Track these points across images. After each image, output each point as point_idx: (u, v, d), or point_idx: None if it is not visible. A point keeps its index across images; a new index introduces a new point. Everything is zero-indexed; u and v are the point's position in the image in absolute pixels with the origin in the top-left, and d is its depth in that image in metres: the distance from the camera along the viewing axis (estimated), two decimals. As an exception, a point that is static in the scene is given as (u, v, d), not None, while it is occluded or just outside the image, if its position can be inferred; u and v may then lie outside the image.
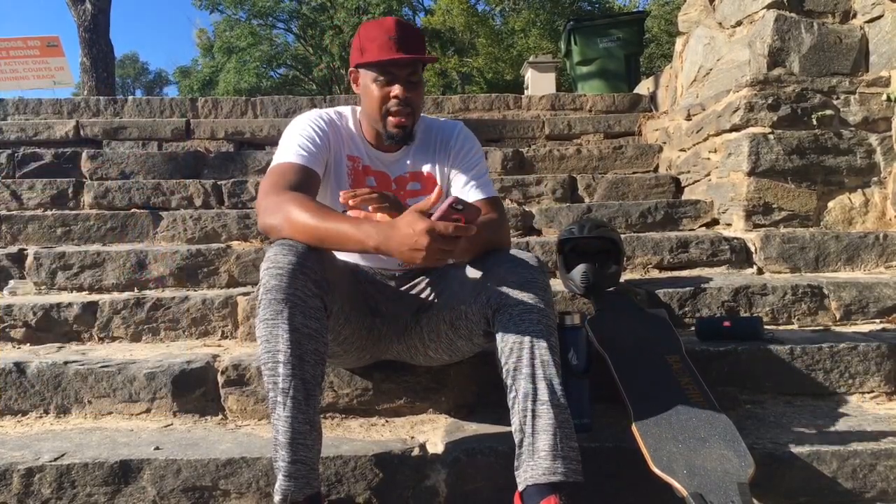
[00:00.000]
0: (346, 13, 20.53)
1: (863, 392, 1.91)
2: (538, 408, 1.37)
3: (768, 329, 2.10)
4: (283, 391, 1.34)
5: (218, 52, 23.50)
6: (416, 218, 1.29)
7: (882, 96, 2.83)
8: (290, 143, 1.60)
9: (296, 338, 1.35)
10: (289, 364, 1.34)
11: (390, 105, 1.60)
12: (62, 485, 1.51)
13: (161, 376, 1.83)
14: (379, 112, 1.62)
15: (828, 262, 2.64)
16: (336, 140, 1.68)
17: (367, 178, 1.71)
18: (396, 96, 1.59)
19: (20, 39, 8.05)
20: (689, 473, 1.39)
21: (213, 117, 4.70)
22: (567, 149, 3.94)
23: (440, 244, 1.27)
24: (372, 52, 1.58)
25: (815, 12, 2.97)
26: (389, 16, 14.88)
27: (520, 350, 1.40)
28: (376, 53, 1.57)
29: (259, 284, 1.39)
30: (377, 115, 1.63)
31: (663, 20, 15.79)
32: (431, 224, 1.27)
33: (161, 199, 3.34)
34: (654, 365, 1.75)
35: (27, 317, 2.21)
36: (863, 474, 1.53)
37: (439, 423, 1.77)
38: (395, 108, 1.60)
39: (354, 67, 1.66)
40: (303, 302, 1.36)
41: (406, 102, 1.60)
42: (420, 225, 1.27)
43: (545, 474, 1.33)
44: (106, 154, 3.75)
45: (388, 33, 1.57)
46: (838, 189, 2.85)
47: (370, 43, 1.59)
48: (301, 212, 1.40)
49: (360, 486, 1.54)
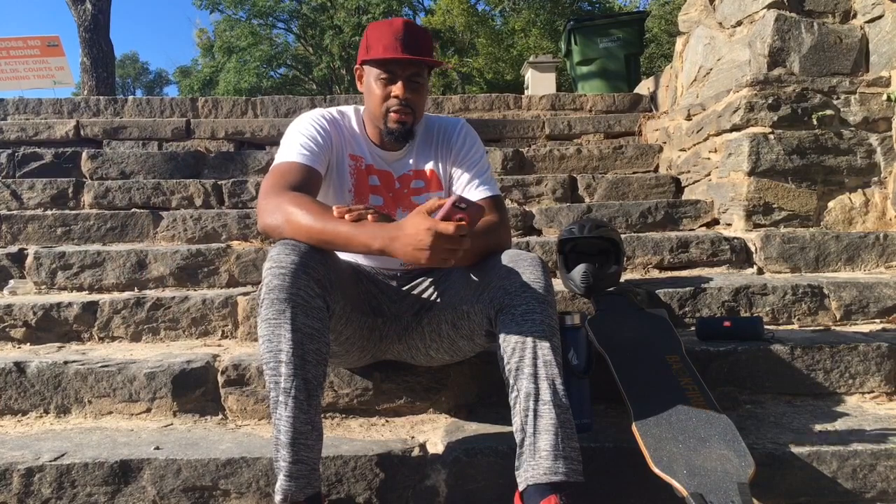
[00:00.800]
0: (346, 13, 20.55)
1: (863, 392, 1.91)
2: (540, 407, 1.37)
3: (768, 329, 2.10)
4: (284, 391, 1.34)
5: (218, 52, 23.50)
6: (420, 218, 1.30)
7: (882, 96, 2.83)
8: (293, 143, 1.60)
9: (298, 338, 1.35)
10: (291, 364, 1.34)
11: (390, 104, 1.61)
12: (62, 484, 1.51)
13: (161, 376, 1.83)
14: (380, 109, 1.63)
15: (828, 262, 2.64)
16: (338, 139, 1.68)
17: (370, 176, 1.71)
18: (397, 96, 1.60)
19: (20, 39, 8.05)
20: (689, 473, 1.39)
21: (214, 117, 4.70)
22: (567, 149, 3.94)
23: (444, 243, 1.28)
24: (377, 50, 1.59)
25: (815, 12, 2.97)
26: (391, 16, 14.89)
27: (522, 350, 1.40)
28: (381, 51, 1.58)
29: (261, 284, 1.39)
30: (378, 113, 1.64)
31: (663, 20, 15.78)
32: (435, 223, 1.27)
33: (161, 198, 3.34)
34: (654, 365, 1.75)
35: (27, 316, 2.21)
36: (863, 474, 1.53)
37: (439, 423, 1.77)
38: (395, 107, 1.61)
39: (360, 64, 1.67)
40: (305, 302, 1.36)
41: (406, 103, 1.61)
42: (424, 224, 1.28)
43: (546, 474, 1.33)
44: (106, 154, 3.75)
45: (395, 33, 1.58)
46: (838, 189, 2.85)
47: (376, 41, 1.60)
48: (303, 214, 1.40)
49: (360, 486, 1.54)
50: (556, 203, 3.33)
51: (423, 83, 1.64)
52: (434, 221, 1.28)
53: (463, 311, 1.53)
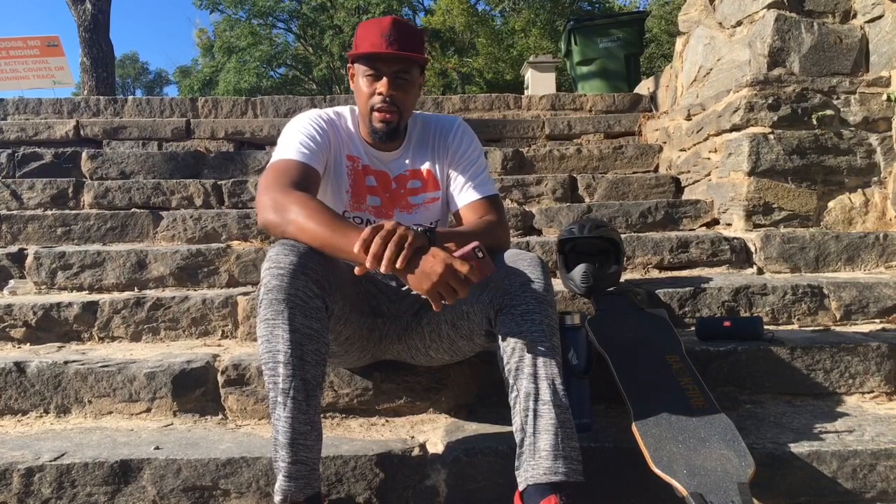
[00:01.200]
0: (346, 13, 20.55)
1: (863, 392, 1.91)
2: (540, 407, 1.37)
3: (768, 329, 2.10)
4: (283, 391, 1.34)
5: (218, 52, 23.51)
6: (439, 250, 1.32)
7: (882, 96, 2.83)
8: (291, 141, 1.59)
9: (296, 338, 1.35)
10: (289, 364, 1.34)
11: (374, 101, 1.60)
12: (62, 484, 1.51)
13: (161, 376, 1.83)
14: (366, 107, 1.62)
15: (828, 262, 2.64)
16: (336, 140, 1.68)
17: (367, 177, 1.71)
18: (381, 93, 1.58)
19: (20, 39, 8.05)
20: (689, 473, 1.39)
21: (213, 117, 4.70)
22: (567, 149, 3.94)
23: (451, 279, 1.29)
24: (363, 46, 1.59)
25: (815, 12, 2.97)
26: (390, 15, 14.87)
27: (522, 350, 1.40)
28: (366, 48, 1.58)
29: (260, 284, 1.39)
30: (365, 111, 1.63)
31: (663, 20, 15.78)
32: (451, 258, 1.30)
33: (161, 198, 3.34)
34: (654, 365, 1.75)
35: (27, 316, 2.21)
36: (863, 474, 1.53)
37: (439, 422, 1.77)
38: (378, 104, 1.59)
39: (350, 63, 1.67)
40: (304, 303, 1.35)
41: (392, 100, 1.59)
42: (441, 255, 1.31)
43: (546, 474, 1.33)
44: (106, 154, 3.75)
45: (382, 30, 1.57)
46: (838, 189, 2.85)
47: (363, 39, 1.59)
48: (311, 218, 1.39)
49: (360, 486, 1.54)
50: (556, 203, 3.33)
51: (411, 81, 1.62)
52: (452, 256, 1.31)
53: (462, 311, 1.53)
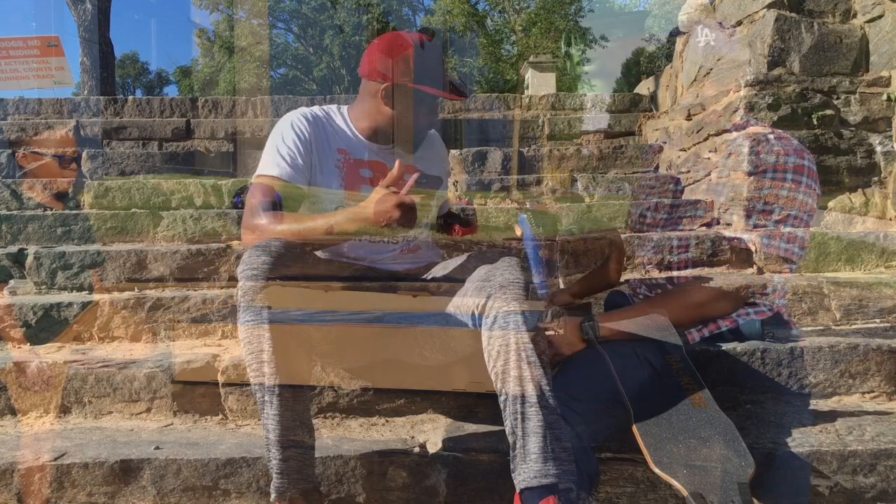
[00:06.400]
0: (347, 13, 20.53)
1: (863, 392, 1.91)
2: (527, 410, 1.37)
3: (768, 329, 2.10)
4: (269, 390, 1.35)
5: (218, 52, 23.50)
6: (386, 196, 1.43)
7: (882, 96, 2.83)
8: (272, 152, 1.68)
9: None
10: (272, 363, 1.35)
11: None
12: (62, 484, 1.51)
13: (161, 376, 1.83)
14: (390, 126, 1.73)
15: (828, 262, 2.64)
16: (322, 135, 1.72)
17: (361, 169, 1.75)
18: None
19: (20, 39, 8.05)
20: (689, 473, 1.39)
21: (213, 117, 4.70)
22: (567, 149, 3.93)
23: (409, 212, 1.42)
24: (424, 80, 1.67)
25: (815, 12, 2.97)
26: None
27: (507, 353, 1.40)
28: (428, 85, 1.67)
29: (237, 288, 1.40)
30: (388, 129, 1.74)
31: (663, 20, 15.78)
32: (401, 198, 1.41)
33: (161, 198, 3.34)
34: (654, 365, 1.75)
35: (27, 316, 2.21)
36: (863, 474, 1.53)
37: (439, 422, 1.77)
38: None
39: (391, 82, 1.69)
40: None
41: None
42: (391, 200, 1.41)
43: (537, 477, 1.33)
44: (106, 154, 3.75)
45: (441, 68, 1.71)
46: (838, 189, 2.85)
47: (423, 73, 1.67)
48: (280, 224, 1.50)
49: (360, 486, 1.54)
50: (556, 203, 3.33)
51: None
52: (401, 196, 1.42)
53: (448, 312, 1.54)
